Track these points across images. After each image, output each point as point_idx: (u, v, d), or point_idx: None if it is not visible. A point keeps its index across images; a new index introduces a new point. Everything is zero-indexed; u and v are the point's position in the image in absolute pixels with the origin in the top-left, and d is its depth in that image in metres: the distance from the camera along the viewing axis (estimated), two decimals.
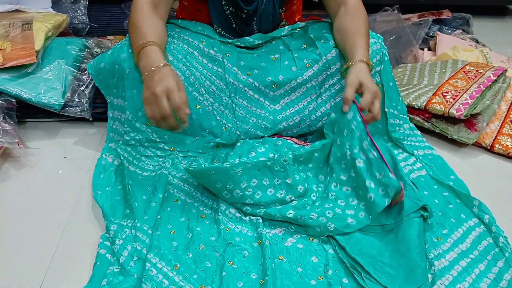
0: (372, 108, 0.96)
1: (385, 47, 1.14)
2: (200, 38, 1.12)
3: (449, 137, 1.23)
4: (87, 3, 1.68)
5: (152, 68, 0.92)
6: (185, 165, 1.05)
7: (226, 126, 1.11)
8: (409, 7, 2.01)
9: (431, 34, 1.79)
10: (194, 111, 1.08)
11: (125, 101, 1.06)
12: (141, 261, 0.83)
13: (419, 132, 1.23)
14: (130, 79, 1.04)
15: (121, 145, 1.07)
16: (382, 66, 1.13)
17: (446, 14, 1.92)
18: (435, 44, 1.69)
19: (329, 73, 1.11)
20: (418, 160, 1.12)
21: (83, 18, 1.63)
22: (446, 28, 1.85)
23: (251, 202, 0.95)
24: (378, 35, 1.15)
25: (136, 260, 0.83)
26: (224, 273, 0.82)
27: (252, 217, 0.94)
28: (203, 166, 1.05)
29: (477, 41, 1.76)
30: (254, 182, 0.96)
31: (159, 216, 0.92)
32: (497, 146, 1.22)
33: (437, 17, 1.90)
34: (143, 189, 0.98)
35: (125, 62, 1.04)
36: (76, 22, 1.61)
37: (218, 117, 1.11)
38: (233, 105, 1.12)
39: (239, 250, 0.87)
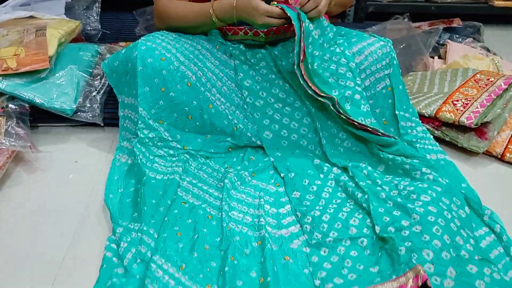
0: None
1: (394, 51, 1.15)
2: (215, 43, 1.15)
3: (459, 145, 1.22)
4: (99, 10, 1.70)
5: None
6: (194, 168, 1.06)
7: (237, 126, 1.13)
8: (419, 15, 2.01)
9: (441, 42, 1.79)
10: (206, 110, 1.10)
11: (136, 99, 1.07)
12: (144, 263, 0.84)
13: (432, 136, 1.21)
14: (142, 76, 1.05)
15: (136, 144, 1.07)
16: (392, 69, 1.13)
17: (457, 23, 1.92)
18: (446, 52, 1.68)
19: None
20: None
21: (96, 24, 1.66)
22: (457, 36, 1.84)
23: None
24: (387, 38, 1.16)
25: (139, 262, 0.84)
26: (226, 268, 0.83)
27: (254, 220, 0.96)
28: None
29: (488, 50, 1.75)
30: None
31: (166, 218, 0.93)
32: (508, 155, 1.21)
33: (448, 25, 1.89)
34: (154, 193, 0.99)
35: (137, 59, 1.05)
36: (89, 28, 1.63)
37: (229, 117, 1.13)
38: (245, 106, 1.13)
39: (240, 247, 0.88)
